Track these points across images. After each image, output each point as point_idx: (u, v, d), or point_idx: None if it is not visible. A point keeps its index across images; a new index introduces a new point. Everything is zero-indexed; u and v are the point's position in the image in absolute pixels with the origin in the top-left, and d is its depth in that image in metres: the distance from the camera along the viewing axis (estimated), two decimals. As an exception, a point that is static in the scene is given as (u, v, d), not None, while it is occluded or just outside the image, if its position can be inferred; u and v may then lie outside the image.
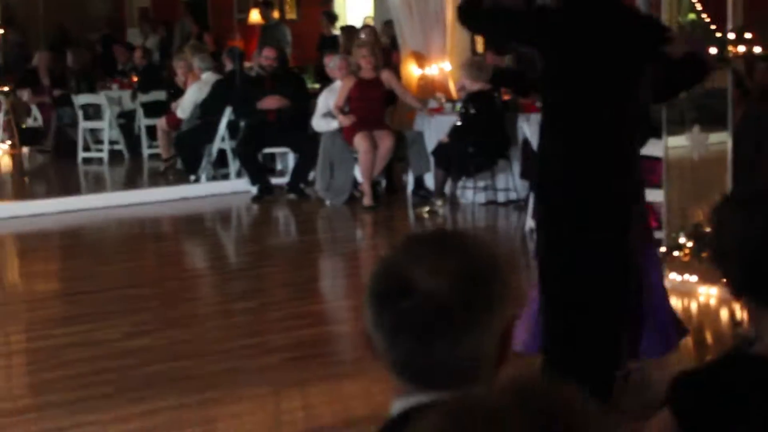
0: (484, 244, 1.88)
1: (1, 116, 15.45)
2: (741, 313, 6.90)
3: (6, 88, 15.37)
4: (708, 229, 7.05)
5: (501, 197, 11.34)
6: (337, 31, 15.81)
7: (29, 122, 15.72)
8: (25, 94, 15.55)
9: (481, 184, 11.20)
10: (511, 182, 11.26)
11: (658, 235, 8.52)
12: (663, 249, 7.54)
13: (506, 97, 11.14)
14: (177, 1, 18.12)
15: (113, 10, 20.01)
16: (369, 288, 1.84)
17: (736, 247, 2.33)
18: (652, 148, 8.27)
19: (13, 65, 16.80)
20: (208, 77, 13.14)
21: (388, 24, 14.61)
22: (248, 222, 11.91)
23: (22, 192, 13.77)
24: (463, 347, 1.79)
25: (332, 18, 16.68)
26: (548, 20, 5.33)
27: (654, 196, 8.48)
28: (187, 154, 13.06)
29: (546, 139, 5.39)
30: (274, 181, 12.54)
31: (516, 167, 11.11)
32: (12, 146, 15.49)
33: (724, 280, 2.42)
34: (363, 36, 12.40)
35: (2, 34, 16.38)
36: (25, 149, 15.53)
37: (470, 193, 11.23)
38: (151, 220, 11.72)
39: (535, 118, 10.92)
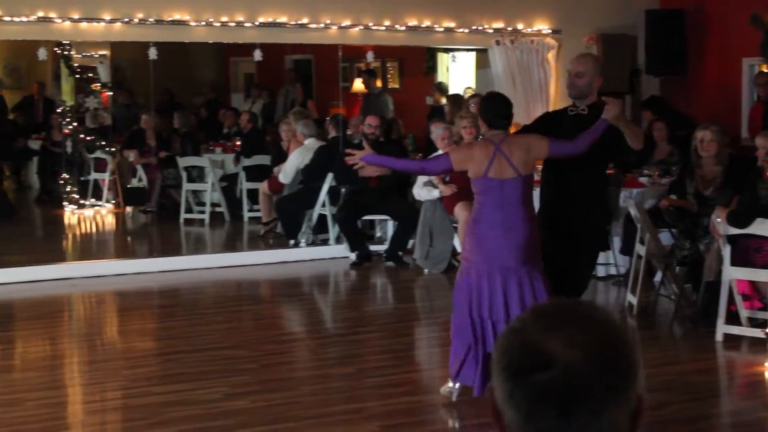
0: (612, 315, 1.84)
1: (107, 176, 15.77)
2: None
3: (113, 149, 15.71)
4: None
5: (601, 272, 11.23)
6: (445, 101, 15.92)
7: (134, 182, 16.00)
8: (131, 155, 15.84)
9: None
10: (611, 257, 11.15)
11: (764, 315, 8.39)
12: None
13: (609, 171, 11.06)
14: (282, 67, 18.36)
15: (219, 75, 20.34)
16: (500, 361, 1.78)
17: None
18: (760, 227, 8.17)
19: (121, 126, 17.15)
20: (311, 143, 13.28)
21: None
22: (346, 288, 11.94)
23: (124, 251, 13.99)
24: (601, 422, 1.73)
25: (443, 90, 16.84)
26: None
27: (761, 276, 8.36)
28: (288, 219, 13.18)
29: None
30: (373, 248, 12.59)
31: (617, 242, 11.01)
32: (116, 205, 15.79)
33: None
34: (471, 104, 12.42)
35: (112, 96, 16.77)
36: (129, 209, 15.82)
37: (569, 266, 11.12)
38: (250, 283, 11.82)
39: (638, 192, 10.85)
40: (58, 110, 15.98)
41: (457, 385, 6.94)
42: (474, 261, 6.76)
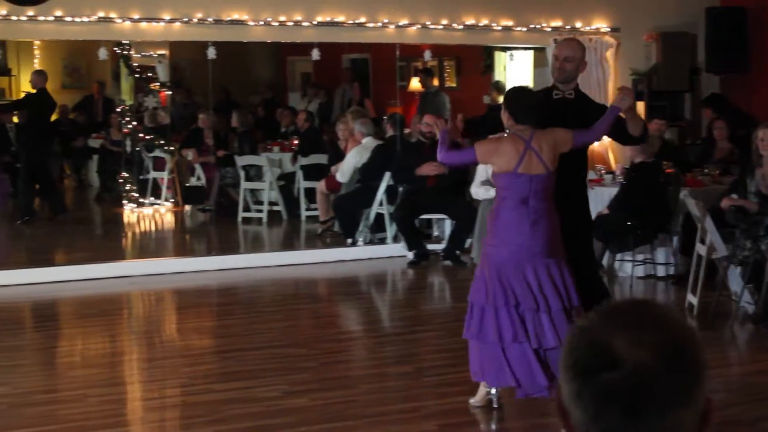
0: (680, 315, 1.83)
1: (166, 175, 15.89)
2: None
3: (172, 148, 15.83)
4: None
5: (660, 271, 11.16)
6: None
7: (192, 181, 16.11)
8: (189, 154, 15.95)
9: (639, 257, 11.04)
10: (670, 257, 11.08)
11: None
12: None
13: (669, 171, 10.99)
14: (339, 66, 18.40)
15: (276, 75, 20.43)
16: (566, 360, 1.77)
17: None
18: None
19: (179, 125, 17.27)
20: (369, 142, 13.29)
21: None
22: (403, 287, 11.95)
23: (183, 249, 14.09)
24: (668, 422, 1.72)
25: (500, 88, 16.78)
26: None
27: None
28: (345, 218, 13.21)
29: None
30: (431, 246, 12.58)
31: (676, 241, 10.93)
32: (175, 204, 15.91)
33: None
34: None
35: (170, 95, 16.88)
36: (187, 207, 15.93)
37: (629, 266, 11.07)
38: (307, 281, 11.86)
39: (699, 192, 10.76)
40: (118, 109, 16.13)
41: (494, 390, 6.85)
42: (497, 256, 6.66)
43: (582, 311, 6.57)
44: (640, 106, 13.78)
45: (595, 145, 13.45)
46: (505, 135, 6.89)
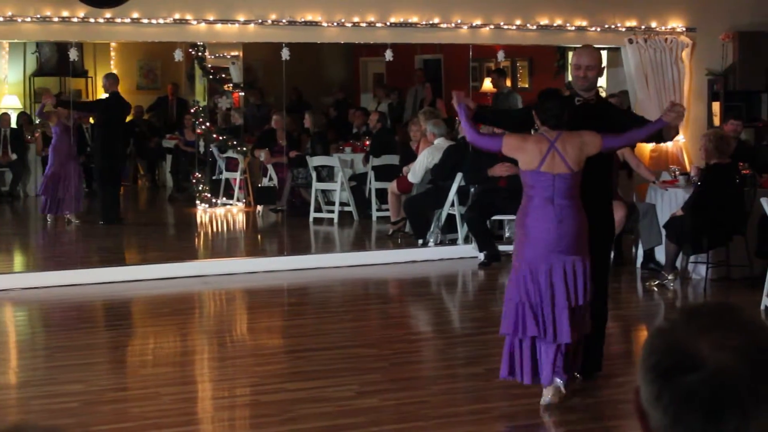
0: (763, 319, 1.79)
1: (239, 175, 15.99)
2: None
3: (244, 148, 15.93)
4: None
5: (735, 274, 11.00)
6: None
7: (265, 182, 16.19)
8: (262, 154, 16.04)
9: (714, 259, 10.90)
10: (746, 259, 10.91)
11: None
12: None
13: (745, 172, 10.84)
14: (411, 67, 18.39)
15: (348, 76, 20.47)
16: (646, 362, 1.74)
17: None
18: None
19: (252, 126, 17.38)
20: (441, 143, 13.26)
21: (623, 94, 14.47)
22: (474, 288, 11.91)
23: (254, 249, 14.16)
24: (752, 427, 1.67)
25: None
26: None
27: None
28: (416, 218, 13.19)
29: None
30: (502, 248, 12.51)
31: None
32: (247, 204, 16.01)
33: None
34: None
35: (243, 96, 16.99)
36: (259, 208, 16.01)
37: (702, 268, 10.93)
38: (378, 282, 11.86)
39: None
40: (191, 110, 16.26)
41: (559, 380, 6.84)
42: (527, 256, 6.75)
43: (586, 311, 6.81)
44: (716, 107, 13.63)
45: (669, 146, 13.33)
46: (533, 133, 7.09)
